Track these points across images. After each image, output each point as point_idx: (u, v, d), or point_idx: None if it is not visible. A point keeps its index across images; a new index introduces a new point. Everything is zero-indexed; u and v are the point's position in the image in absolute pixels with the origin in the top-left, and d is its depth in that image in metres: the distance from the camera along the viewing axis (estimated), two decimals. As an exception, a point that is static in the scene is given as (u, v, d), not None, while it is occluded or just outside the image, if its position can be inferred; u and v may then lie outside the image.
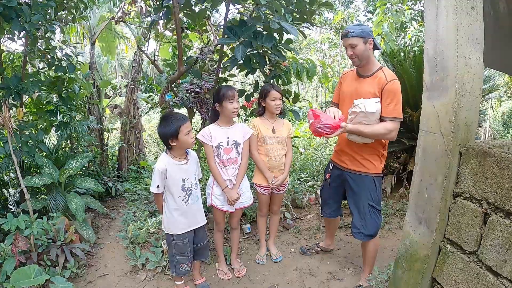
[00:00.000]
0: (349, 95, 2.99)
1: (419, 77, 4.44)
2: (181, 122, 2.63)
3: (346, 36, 2.80)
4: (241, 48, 3.33)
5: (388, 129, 2.76)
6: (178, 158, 2.76)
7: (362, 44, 2.77)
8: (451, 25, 1.87)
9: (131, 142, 6.83)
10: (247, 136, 3.22)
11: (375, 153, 2.98)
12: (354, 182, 3.05)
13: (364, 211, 3.00)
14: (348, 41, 2.80)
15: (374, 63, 2.91)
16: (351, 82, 3.03)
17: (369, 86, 2.84)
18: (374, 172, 2.99)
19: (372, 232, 3.02)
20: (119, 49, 10.49)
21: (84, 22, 6.15)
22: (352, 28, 2.78)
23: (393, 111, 2.76)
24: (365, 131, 2.78)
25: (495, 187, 1.70)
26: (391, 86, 2.76)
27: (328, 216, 3.47)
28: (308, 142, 8.40)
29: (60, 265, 3.30)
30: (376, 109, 2.74)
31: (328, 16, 12.05)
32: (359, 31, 2.76)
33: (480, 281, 1.79)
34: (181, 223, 2.85)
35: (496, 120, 12.28)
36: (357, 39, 2.76)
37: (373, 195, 3.00)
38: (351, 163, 3.05)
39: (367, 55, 2.82)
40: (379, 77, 2.82)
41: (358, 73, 2.99)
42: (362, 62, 2.86)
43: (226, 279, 3.45)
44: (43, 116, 4.60)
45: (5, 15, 3.28)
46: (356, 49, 2.78)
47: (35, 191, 4.24)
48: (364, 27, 2.81)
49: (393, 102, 2.75)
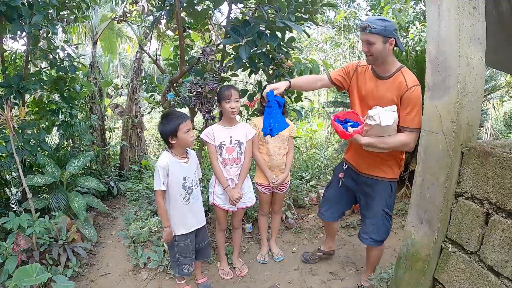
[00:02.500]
0: (364, 96, 2.73)
1: (421, 77, 4.42)
2: (181, 120, 2.65)
3: (364, 30, 2.45)
4: (245, 48, 3.32)
5: (405, 142, 2.52)
6: (179, 157, 2.77)
7: (381, 43, 2.44)
8: (453, 25, 1.87)
9: (133, 142, 6.84)
10: (250, 136, 3.22)
11: (394, 159, 2.78)
12: (370, 187, 2.87)
13: (377, 216, 2.85)
14: (365, 36, 2.47)
15: (393, 63, 2.60)
16: (368, 82, 2.71)
17: (387, 91, 2.57)
18: (392, 178, 2.81)
19: (383, 238, 2.90)
20: (121, 48, 10.50)
21: (86, 22, 6.16)
22: (373, 22, 2.42)
23: (412, 121, 2.49)
24: (379, 146, 2.56)
25: (497, 187, 1.70)
26: (412, 93, 2.48)
27: (328, 219, 3.25)
28: (310, 142, 8.40)
29: (62, 264, 3.31)
30: (393, 121, 2.46)
31: (329, 15, 12.03)
32: (381, 28, 2.40)
33: (481, 281, 1.79)
34: (183, 223, 2.85)
35: (498, 120, 12.26)
36: (376, 36, 2.42)
37: (388, 201, 2.84)
38: (368, 168, 2.84)
39: (384, 56, 2.50)
40: (399, 81, 2.53)
41: (375, 71, 2.68)
42: (377, 62, 2.57)
43: (227, 279, 3.45)
44: (45, 115, 4.60)
45: (7, 15, 3.28)
46: (373, 48, 2.46)
47: (37, 190, 4.25)
48: (388, 23, 2.43)
49: (413, 112, 2.48)
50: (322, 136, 9.67)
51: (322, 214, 3.27)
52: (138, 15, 5.47)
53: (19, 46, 15.55)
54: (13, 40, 4.10)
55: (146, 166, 6.08)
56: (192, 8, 3.91)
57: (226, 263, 3.57)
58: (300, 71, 4.10)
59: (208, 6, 4.00)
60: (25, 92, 3.94)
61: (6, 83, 3.76)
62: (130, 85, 6.78)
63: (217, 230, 3.49)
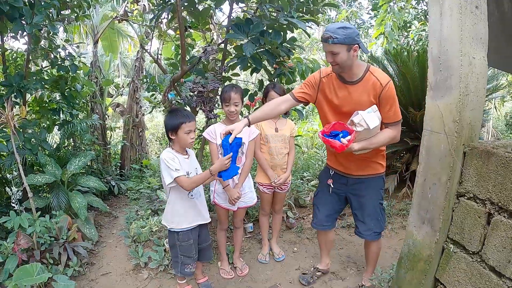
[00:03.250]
0: (338, 105, 2.67)
1: (422, 76, 4.43)
2: (185, 119, 2.65)
3: (326, 41, 2.39)
4: (249, 45, 3.32)
5: (393, 136, 2.59)
6: (180, 153, 2.77)
7: (345, 52, 2.39)
8: (455, 24, 1.86)
9: (134, 141, 6.85)
10: (252, 136, 3.21)
11: (380, 154, 2.84)
12: (363, 187, 2.88)
13: (376, 210, 2.90)
14: (328, 47, 2.42)
15: (359, 67, 2.56)
16: (338, 90, 2.65)
17: (362, 94, 2.55)
18: (382, 171, 2.89)
19: (383, 228, 2.99)
20: (122, 47, 10.51)
21: (87, 21, 6.17)
22: (334, 32, 2.35)
23: (394, 116, 2.56)
24: (372, 146, 2.58)
25: (499, 187, 1.70)
26: (389, 91, 2.50)
27: (323, 227, 3.15)
28: (311, 142, 8.39)
29: (63, 263, 3.31)
30: (379, 121, 2.49)
31: (331, 14, 12.02)
32: (343, 37, 2.34)
33: (483, 281, 1.78)
34: (186, 218, 2.81)
35: (499, 120, 12.24)
36: (339, 46, 2.37)
37: (381, 192, 2.92)
38: (358, 169, 2.84)
39: (350, 63, 2.47)
40: (372, 81, 2.52)
41: (343, 78, 2.62)
42: (344, 70, 2.53)
43: (228, 278, 3.44)
44: (46, 114, 4.61)
45: (8, 14, 3.29)
46: (338, 57, 2.41)
47: (38, 189, 4.26)
48: (349, 31, 2.36)
49: (393, 107, 2.53)
50: (323, 136, 9.65)
51: (317, 224, 3.16)
52: (139, 14, 5.48)
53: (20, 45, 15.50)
54: (14, 39, 4.11)
55: (147, 166, 6.08)
56: (193, 7, 3.91)
57: (227, 262, 3.57)
58: (301, 71, 4.10)
59: (209, 5, 4.00)
60: (26, 91, 3.94)
61: (7, 82, 3.77)
62: (131, 85, 6.80)
63: (218, 229, 3.49)
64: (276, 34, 3.47)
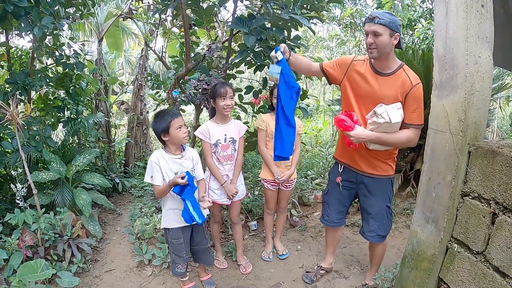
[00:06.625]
0: (363, 93, 2.65)
1: (428, 75, 4.40)
2: (172, 117, 2.70)
3: (372, 20, 2.38)
4: (251, 37, 3.32)
5: (411, 138, 2.54)
6: (172, 153, 2.80)
7: (387, 36, 2.39)
8: (461, 23, 1.86)
9: (138, 138, 6.86)
10: (242, 132, 3.31)
11: (392, 156, 2.80)
12: (371, 186, 2.85)
13: (381, 213, 2.84)
14: (372, 27, 2.39)
15: (394, 60, 2.56)
16: (368, 78, 2.62)
17: (390, 89, 2.53)
18: (392, 174, 2.84)
19: (388, 232, 2.93)
20: (127, 45, 10.51)
21: (92, 19, 6.18)
22: (381, 15, 2.37)
23: (417, 118, 2.51)
24: (388, 141, 2.56)
25: (504, 187, 1.69)
26: (417, 91, 2.48)
27: (334, 224, 3.14)
28: (315, 140, 8.38)
29: (67, 260, 3.33)
30: (401, 118, 2.49)
31: (335, 12, 11.98)
32: (389, 21, 2.35)
33: (487, 281, 1.78)
34: (176, 217, 2.84)
35: (504, 120, 12.16)
36: (383, 28, 2.36)
37: (390, 196, 2.87)
38: (368, 166, 2.81)
39: (388, 50, 2.45)
40: (403, 78, 2.50)
41: (374, 68, 2.60)
42: (380, 57, 2.49)
43: (221, 268, 3.55)
44: (50, 111, 4.62)
45: (14, 12, 3.30)
46: (379, 39, 2.39)
47: (42, 186, 4.27)
48: (395, 18, 2.39)
49: (418, 109, 2.50)
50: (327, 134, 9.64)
51: (328, 221, 3.14)
52: (144, 12, 5.48)
53: (24, 42, 15.53)
54: (19, 37, 4.12)
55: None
56: (197, 5, 3.91)
57: (221, 252, 3.68)
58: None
59: (214, 3, 4.00)
60: (30, 89, 3.95)
61: (12, 80, 3.78)
62: (136, 82, 6.80)
63: (211, 222, 3.57)
64: (278, 30, 3.47)
